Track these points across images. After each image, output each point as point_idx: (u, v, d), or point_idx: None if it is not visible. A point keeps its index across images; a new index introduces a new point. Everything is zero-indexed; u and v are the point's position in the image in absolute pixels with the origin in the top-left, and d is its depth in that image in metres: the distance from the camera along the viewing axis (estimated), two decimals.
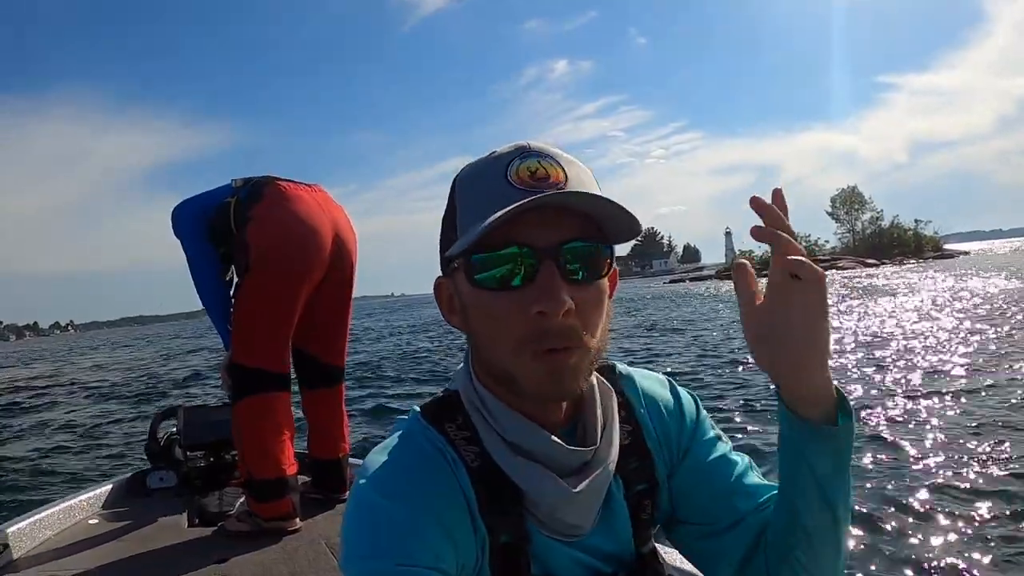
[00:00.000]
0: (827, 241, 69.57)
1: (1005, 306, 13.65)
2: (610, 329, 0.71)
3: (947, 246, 76.53)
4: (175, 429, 3.00)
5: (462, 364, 0.77)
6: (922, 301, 17.18)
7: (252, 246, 2.37)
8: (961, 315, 12.74)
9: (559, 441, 0.69)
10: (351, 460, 2.77)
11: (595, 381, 0.75)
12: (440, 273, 0.74)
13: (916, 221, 68.83)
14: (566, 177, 0.65)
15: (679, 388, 0.86)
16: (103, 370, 19.92)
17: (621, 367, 0.84)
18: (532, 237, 0.63)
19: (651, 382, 0.85)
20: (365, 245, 2.74)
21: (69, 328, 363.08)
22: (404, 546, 0.62)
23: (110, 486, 2.85)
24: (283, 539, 2.34)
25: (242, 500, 2.58)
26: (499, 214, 0.60)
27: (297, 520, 2.45)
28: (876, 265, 55.12)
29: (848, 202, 70.92)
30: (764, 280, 0.64)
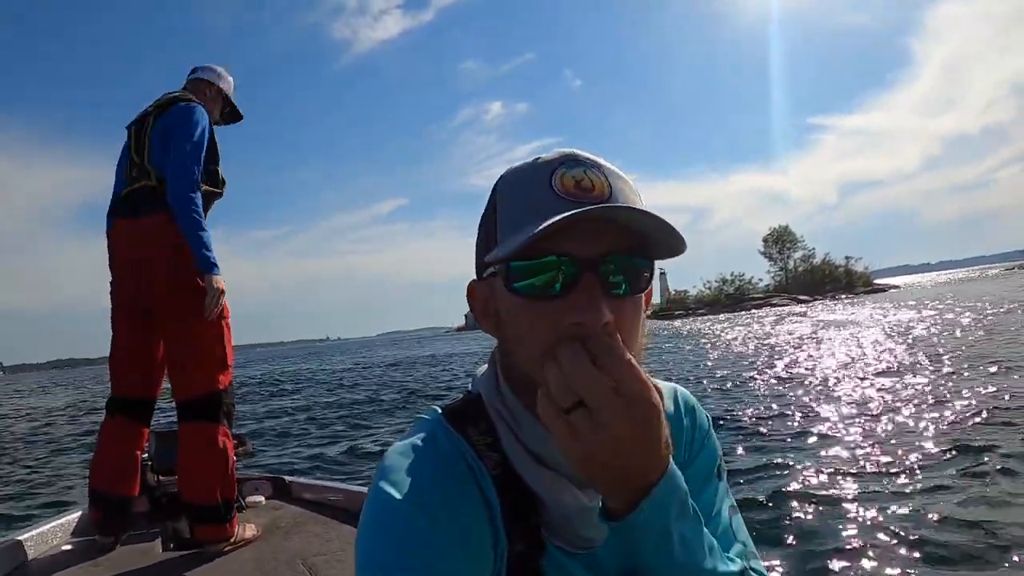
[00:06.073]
0: (760, 280, 70.57)
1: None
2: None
3: (878, 281, 78.96)
4: (147, 455, 3.00)
5: (486, 367, 0.77)
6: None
7: None
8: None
9: None
10: None
11: None
12: (473, 276, 0.74)
13: (847, 258, 71.24)
14: (611, 189, 0.65)
15: (694, 401, 0.85)
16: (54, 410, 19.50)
17: None
18: (574, 247, 0.62)
19: (666, 390, 0.83)
20: (299, 288, 2.83)
21: None
22: (422, 557, 0.60)
23: (80, 512, 2.83)
24: (262, 560, 2.39)
25: None
26: (549, 223, 0.59)
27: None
28: (809, 301, 56.85)
29: (780, 241, 72.67)
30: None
